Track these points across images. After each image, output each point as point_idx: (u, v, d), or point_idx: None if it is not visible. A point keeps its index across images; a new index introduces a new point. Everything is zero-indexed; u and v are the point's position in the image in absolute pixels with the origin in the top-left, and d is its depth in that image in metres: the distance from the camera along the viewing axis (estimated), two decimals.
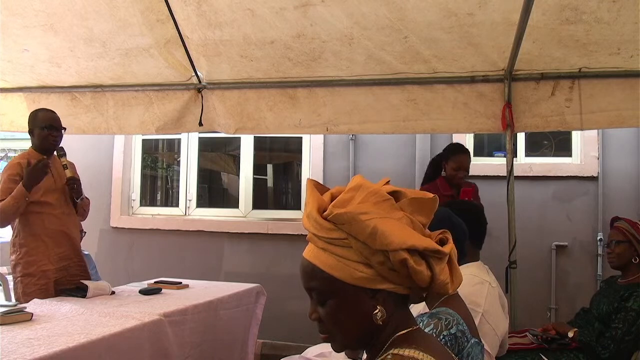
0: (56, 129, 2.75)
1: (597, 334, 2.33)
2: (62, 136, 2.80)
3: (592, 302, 2.57)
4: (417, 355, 0.81)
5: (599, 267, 3.63)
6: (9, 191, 2.58)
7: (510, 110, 2.88)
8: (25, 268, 2.66)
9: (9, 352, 1.60)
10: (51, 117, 2.77)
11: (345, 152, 4.08)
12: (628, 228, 2.47)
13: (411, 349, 0.82)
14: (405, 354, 0.81)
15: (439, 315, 1.32)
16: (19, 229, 2.69)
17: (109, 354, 1.88)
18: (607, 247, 2.54)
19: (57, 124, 2.77)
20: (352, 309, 0.83)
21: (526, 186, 3.71)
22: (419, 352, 0.81)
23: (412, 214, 0.84)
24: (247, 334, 3.09)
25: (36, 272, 2.65)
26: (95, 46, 3.09)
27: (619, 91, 2.80)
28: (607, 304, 2.39)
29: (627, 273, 2.47)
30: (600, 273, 3.61)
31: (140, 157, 4.69)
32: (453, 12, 2.53)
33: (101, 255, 4.37)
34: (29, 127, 2.78)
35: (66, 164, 2.80)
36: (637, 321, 2.22)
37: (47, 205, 2.72)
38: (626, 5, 2.36)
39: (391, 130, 3.14)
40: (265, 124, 3.27)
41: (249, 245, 4.22)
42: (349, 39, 2.78)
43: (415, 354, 0.81)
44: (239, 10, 2.70)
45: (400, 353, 0.81)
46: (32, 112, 2.83)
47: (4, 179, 2.65)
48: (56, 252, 2.72)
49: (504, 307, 1.95)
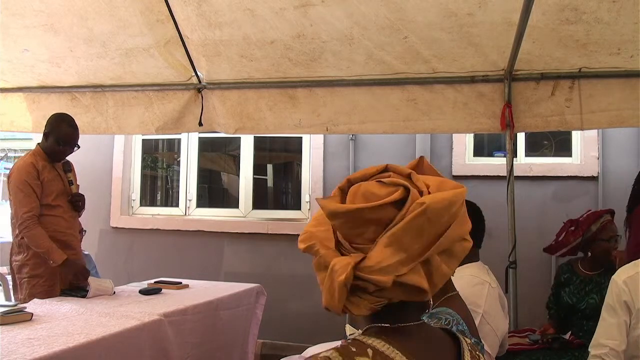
0: (70, 146, 2.77)
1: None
2: (74, 151, 2.82)
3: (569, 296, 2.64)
4: (379, 346, 0.75)
5: None
6: (31, 200, 2.60)
7: (510, 110, 2.88)
8: (34, 269, 2.66)
9: (9, 352, 1.60)
10: (72, 135, 2.76)
11: (345, 152, 4.08)
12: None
13: (378, 339, 0.76)
14: (366, 342, 0.76)
15: (438, 315, 1.32)
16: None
17: (109, 354, 1.88)
18: (615, 241, 2.62)
19: (74, 142, 2.78)
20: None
21: (526, 186, 3.71)
22: (384, 344, 0.75)
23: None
24: (247, 334, 3.09)
25: (44, 273, 2.66)
26: (95, 46, 3.09)
27: (619, 91, 2.80)
28: (598, 300, 2.48)
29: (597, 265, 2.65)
30: None
31: (140, 157, 4.69)
32: (453, 12, 2.53)
33: (101, 255, 4.37)
34: (46, 129, 2.76)
35: (72, 180, 2.83)
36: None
37: (58, 208, 2.75)
38: (626, 5, 2.36)
39: (391, 130, 3.14)
40: (265, 124, 3.27)
41: (249, 245, 4.22)
42: (349, 39, 2.78)
43: (379, 344, 0.75)
44: (238, 10, 2.70)
45: (362, 340, 0.76)
46: (56, 117, 2.79)
47: (21, 183, 2.61)
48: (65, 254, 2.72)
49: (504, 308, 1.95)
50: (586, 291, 2.60)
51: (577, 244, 2.71)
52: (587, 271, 2.66)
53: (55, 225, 2.71)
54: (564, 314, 2.70)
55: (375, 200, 0.73)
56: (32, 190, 2.62)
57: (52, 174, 2.75)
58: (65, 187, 2.80)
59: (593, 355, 1.78)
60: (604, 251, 2.60)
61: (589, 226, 2.66)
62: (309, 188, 4.16)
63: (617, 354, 1.74)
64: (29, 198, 2.61)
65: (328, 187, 4.09)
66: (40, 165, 2.70)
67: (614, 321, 1.77)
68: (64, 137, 2.72)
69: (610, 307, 1.79)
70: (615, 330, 1.76)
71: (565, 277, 2.72)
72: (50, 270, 2.66)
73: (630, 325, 1.75)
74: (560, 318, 2.72)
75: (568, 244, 2.74)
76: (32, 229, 2.58)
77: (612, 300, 1.79)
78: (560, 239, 2.79)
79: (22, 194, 2.61)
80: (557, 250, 2.82)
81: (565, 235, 2.77)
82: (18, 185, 2.62)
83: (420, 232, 0.71)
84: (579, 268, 2.70)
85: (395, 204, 0.73)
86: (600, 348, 1.77)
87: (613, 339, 1.75)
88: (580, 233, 2.69)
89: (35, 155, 2.74)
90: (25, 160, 2.70)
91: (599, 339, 1.79)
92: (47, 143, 2.76)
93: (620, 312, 1.76)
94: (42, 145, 2.79)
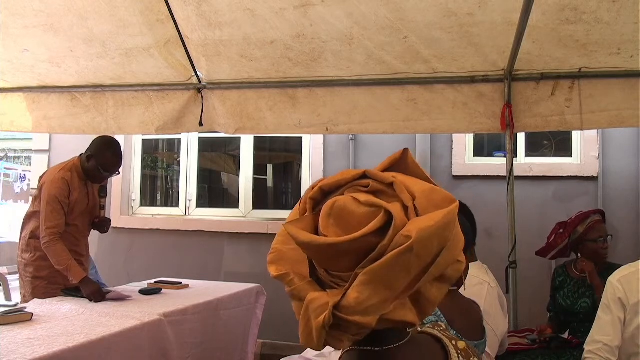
0: (111, 174, 2.79)
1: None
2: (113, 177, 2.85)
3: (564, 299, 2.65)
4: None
5: None
6: (58, 217, 2.61)
7: (510, 110, 2.88)
8: (37, 271, 2.71)
9: (9, 352, 1.61)
10: (116, 164, 2.76)
11: (345, 152, 4.08)
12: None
13: None
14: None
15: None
16: (38, 234, 2.69)
17: (109, 354, 1.88)
18: (605, 242, 2.61)
19: (116, 170, 2.80)
20: None
21: (526, 186, 3.71)
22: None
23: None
24: (247, 334, 3.09)
25: (47, 277, 2.70)
26: (95, 46, 3.09)
27: (619, 91, 2.80)
28: (591, 303, 2.50)
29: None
30: None
31: (140, 157, 4.69)
32: (453, 12, 2.53)
33: (101, 256, 4.36)
34: (91, 152, 2.74)
35: (104, 205, 2.87)
36: None
37: (75, 227, 2.78)
38: (626, 5, 2.36)
39: (391, 130, 3.14)
40: (265, 124, 3.27)
41: (249, 245, 4.22)
42: (349, 39, 2.78)
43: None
44: (239, 11, 2.70)
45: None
46: (104, 143, 2.77)
47: (51, 198, 2.61)
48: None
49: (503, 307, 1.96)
50: (579, 294, 2.60)
51: (564, 245, 2.72)
52: (580, 273, 2.66)
53: (65, 241, 2.69)
54: (562, 316, 2.70)
55: (352, 223, 0.65)
56: (60, 207, 2.64)
57: (82, 193, 2.76)
58: (89, 207, 2.82)
59: (587, 351, 1.82)
60: (592, 252, 2.60)
61: (576, 227, 2.67)
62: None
63: (610, 350, 1.77)
64: (56, 214, 2.63)
65: None
66: (74, 183, 2.71)
67: (608, 318, 1.80)
68: (107, 166, 2.73)
69: (606, 305, 1.83)
70: (609, 327, 1.79)
71: (560, 280, 2.73)
72: (53, 274, 2.67)
73: (626, 321, 1.78)
74: (559, 320, 2.73)
75: (557, 246, 2.75)
76: (54, 244, 2.59)
77: (607, 299, 1.83)
78: (550, 241, 2.80)
79: (50, 208, 2.62)
80: (548, 253, 2.82)
81: (554, 237, 2.78)
82: (48, 199, 2.63)
83: (406, 268, 0.63)
84: (572, 270, 2.71)
85: (375, 233, 0.64)
86: (594, 344, 1.80)
87: (607, 335, 1.79)
88: (566, 235, 2.70)
89: (72, 170, 2.73)
90: (61, 175, 2.69)
91: (594, 336, 1.83)
92: (88, 164, 2.75)
93: (614, 309, 1.79)
94: (82, 162, 2.77)
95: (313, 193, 0.72)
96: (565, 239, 2.70)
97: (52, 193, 2.63)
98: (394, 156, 0.74)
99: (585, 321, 2.51)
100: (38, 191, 2.73)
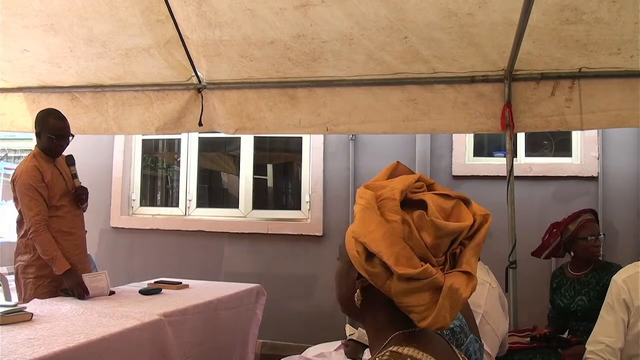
0: (64, 138, 2.76)
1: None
2: (69, 142, 2.80)
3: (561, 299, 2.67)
4: (415, 354, 0.79)
5: None
6: (38, 203, 2.61)
7: (510, 110, 2.88)
8: (40, 270, 2.68)
9: (9, 352, 1.61)
10: (61, 127, 2.74)
11: (345, 152, 4.08)
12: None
13: (411, 347, 0.80)
14: (403, 352, 0.80)
15: None
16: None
17: (109, 354, 1.88)
18: (596, 240, 2.62)
19: (66, 133, 2.77)
20: (342, 279, 0.89)
21: (526, 186, 3.71)
22: (418, 351, 0.80)
23: (418, 228, 0.79)
24: (247, 334, 3.09)
25: (50, 274, 2.67)
26: (95, 46, 3.09)
27: (619, 91, 2.80)
28: (587, 300, 2.52)
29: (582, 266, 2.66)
30: None
31: (140, 157, 4.69)
32: (453, 12, 2.53)
33: (101, 255, 4.36)
34: (37, 129, 2.75)
35: (75, 173, 2.84)
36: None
37: (62, 208, 2.76)
38: (626, 5, 2.36)
39: (391, 130, 3.14)
40: (265, 124, 3.27)
41: (249, 245, 4.22)
42: (349, 39, 2.78)
43: (415, 352, 0.80)
44: (239, 11, 2.70)
45: (398, 351, 0.80)
46: (43, 114, 2.77)
47: (26, 187, 2.61)
48: (70, 254, 2.72)
49: (504, 308, 1.96)
50: (575, 292, 2.61)
51: (557, 244, 2.73)
52: (575, 272, 2.67)
53: (60, 225, 2.71)
54: (561, 317, 2.71)
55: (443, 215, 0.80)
56: (38, 193, 2.63)
57: (54, 173, 2.75)
58: (67, 186, 2.80)
59: (589, 351, 1.81)
60: (584, 250, 2.61)
61: (567, 226, 2.67)
62: (309, 188, 4.16)
63: (612, 351, 1.76)
64: (36, 201, 2.62)
65: (328, 187, 4.09)
66: (43, 166, 2.70)
67: (611, 319, 1.79)
68: (55, 130, 2.72)
69: (609, 305, 1.81)
70: (612, 328, 1.78)
71: (557, 281, 2.74)
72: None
73: (629, 323, 1.77)
74: (557, 324, 2.73)
75: (549, 245, 2.76)
76: (40, 234, 2.59)
77: (612, 299, 1.81)
78: (544, 240, 2.81)
79: (29, 198, 2.61)
80: (541, 253, 2.83)
81: (547, 237, 2.79)
82: (23, 189, 2.62)
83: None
84: (568, 270, 2.72)
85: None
86: (597, 345, 1.79)
87: (609, 336, 1.77)
88: (558, 233, 2.71)
89: (35, 157, 2.74)
90: (28, 164, 2.70)
91: (596, 336, 1.82)
92: (41, 141, 2.75)
93: (618, 310, 1.78)
94: (38, 145, 2.79)
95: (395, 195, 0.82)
96: (557, 238, 2.71)
97: (26, 182, 2.62)
98: (389, 169, 0.90)
99: (583, 319, 2.53)
100: (13, 190, 2.72)
